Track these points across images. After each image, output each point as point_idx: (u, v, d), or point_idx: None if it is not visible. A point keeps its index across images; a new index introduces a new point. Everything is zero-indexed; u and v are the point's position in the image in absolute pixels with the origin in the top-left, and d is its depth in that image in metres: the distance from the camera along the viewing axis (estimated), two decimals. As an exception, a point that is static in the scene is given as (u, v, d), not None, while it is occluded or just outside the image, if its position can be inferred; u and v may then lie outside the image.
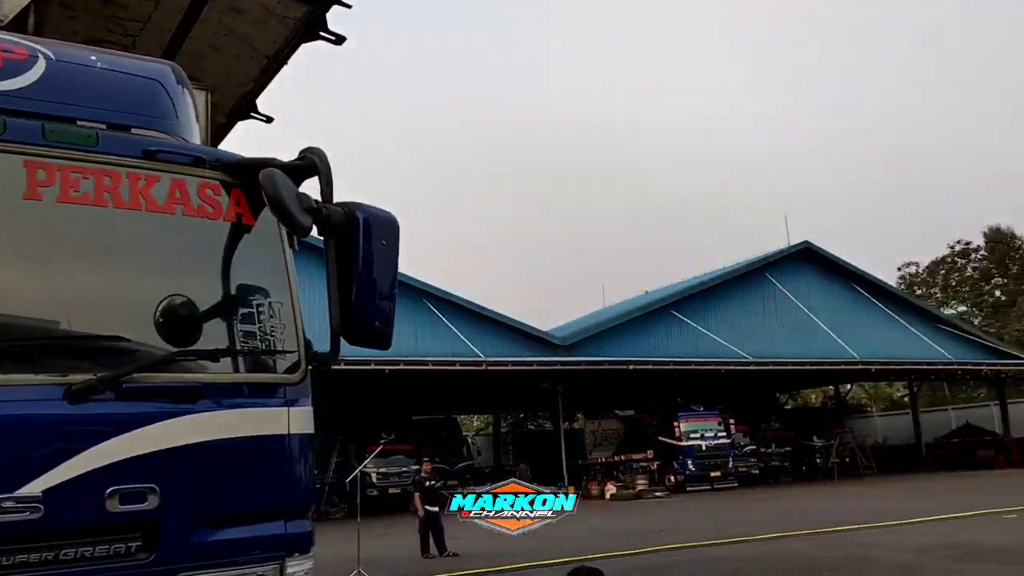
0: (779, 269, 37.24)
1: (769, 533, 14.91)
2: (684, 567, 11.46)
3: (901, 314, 38.95)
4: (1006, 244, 56.02)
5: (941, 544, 12.11)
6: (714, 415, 33.37)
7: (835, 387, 48.50)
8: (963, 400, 51.15)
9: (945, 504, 19.09)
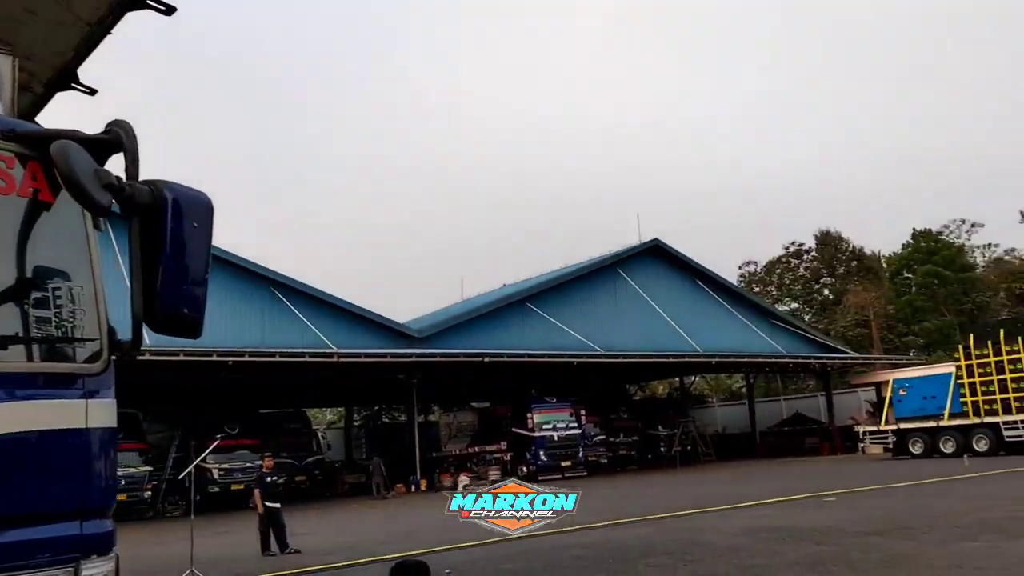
0: (630, 265, 38.48)
1: (613, 520, 15.36)
2: (528, 555, 11.58)
3: (740, 310, 41.15)
4: (834, 246, 60.24)
5: (767, 526, 12.84)
6: (566, 406, 34.11)
7: (680, 379, 50.63)
8: (794, 391, 54.73)
9: (773, 489, 20.29)
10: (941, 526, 11.60)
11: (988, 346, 28.67)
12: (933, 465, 25.39)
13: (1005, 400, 27.88)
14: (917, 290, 54.56)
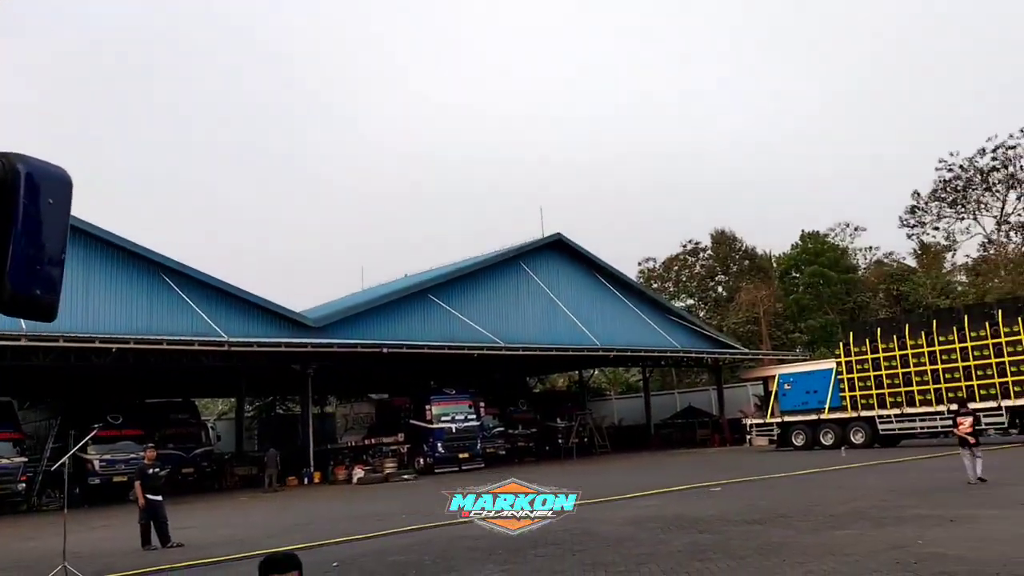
0: (533, 259, 38.73)
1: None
2: (419, 547, 11.50)
3: (639, 305, 42.01)
4: (728, 246, 62.25)
5: (654, 516, 13.14)
6: (465, 398, 34.07)
7: (579, 372, 51.36)
8: (688, 385, 56.33)
9: (663, 479, 20.82)
10: (816, 515, 12.11)
11: (866, 344, 30.16)
12: (813, 457, 26.58)
13: (880, 395, 29.42)
14: (804, 289, 56.97)
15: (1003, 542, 8.85)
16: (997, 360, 26.72)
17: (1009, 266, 50.02)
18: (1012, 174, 52.29)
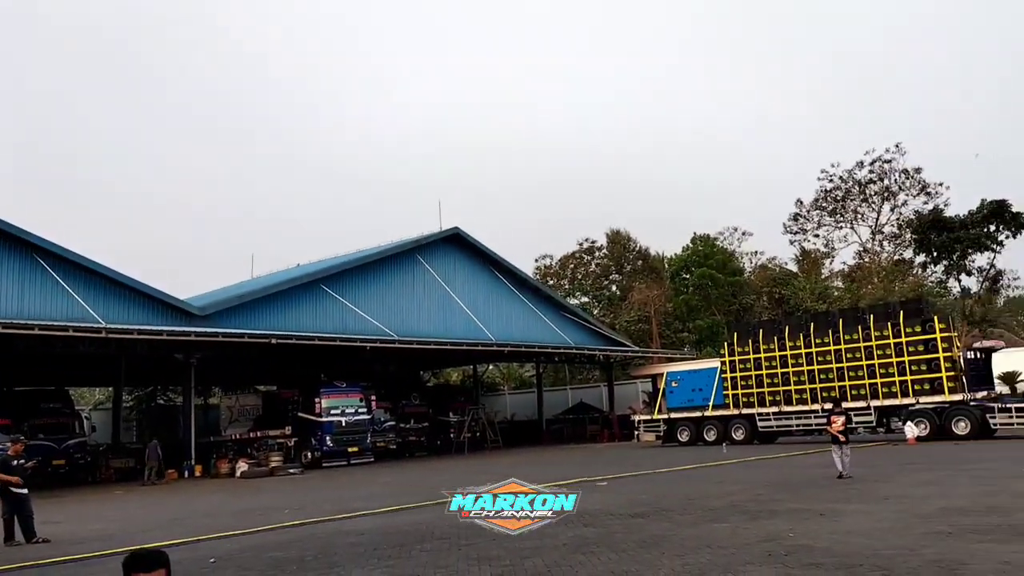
0: (430, 252, 38.47)
1: (394, 506, 15.27)
2: (301, 543, 11.22)
3: (534, 302, 42.37)
4: (623, 245, 63.52)
5: (541, 510, 13.22)
6: (356, 391, 33.57)
7: (474, 366, 51.39)
8: (580, 381, 57.23)
9: (553, 474, 20.99)
10: (695, 509, 12.47)
11: (749, 344, 31.34)
12: (697, 452, 27.44)
13: (760, 394, 30.64)
14: (693, 290, 58.71)
15: (867, 535, 9.30)
16: (868, 362, 28.22)
17: (881, 273, 52.98)
18: (887, 187, 55.38)
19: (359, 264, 35.75)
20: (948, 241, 44.21)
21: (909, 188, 54.56)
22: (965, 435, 25.62)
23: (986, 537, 8.70)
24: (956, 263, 45.36)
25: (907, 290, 46.85)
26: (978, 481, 14.27)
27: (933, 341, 27.09)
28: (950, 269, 46.27)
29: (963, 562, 7.50)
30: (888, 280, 50.84)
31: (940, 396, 26.57)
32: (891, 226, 56.30)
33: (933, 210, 49.78)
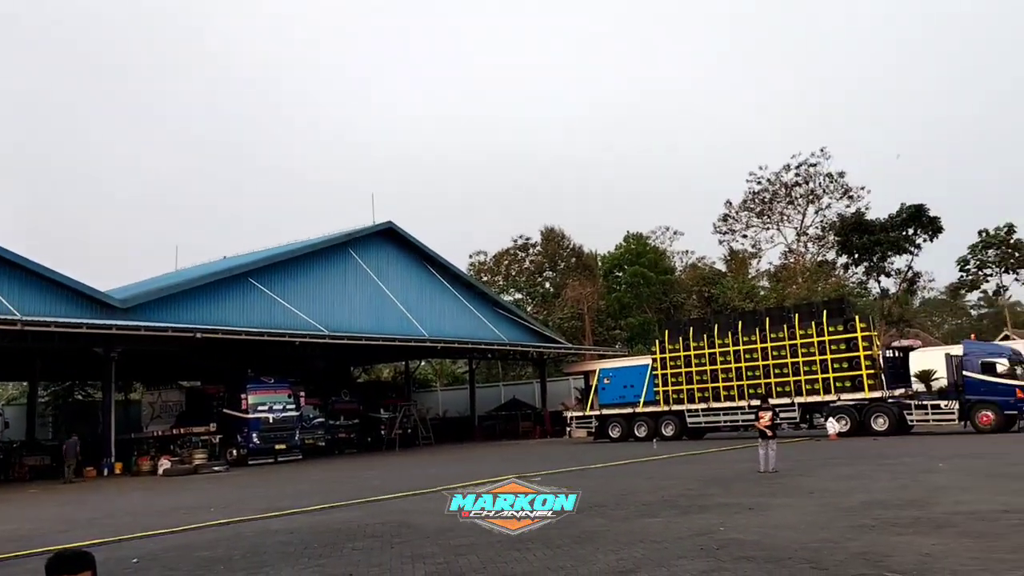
0: (362, 246, 37.98)
1: (324, 504, 15.00)
2: (229, 542, 10.91)
3: (468, 298, 42.25)
4: (557, 243, 63.89)
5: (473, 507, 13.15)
6: (284, 387, 32.95)
7: (406, 363, 51.02)
8: (513, 378, 57.39)
9: (485, 471, 20.96)
10: (629, 504, 12.57)
11: (679, 342, 31.84)
12: (628, 448, 27.74)
13: (690, 391, 31.16)
14: (625, 288, 59.39)
15: (794, 528, 9.50)
16: (792, 360, 28.97)
17: (806, 274, 54.43)
18: (812, 190, 56.89)
19: (289, 257, 35.06)
20: (869, 243, 45.71)
21: (833, 191, 56.16)
22: (884, 431, 26.53)
23: (907, 530, 8.97)
24: (876, 265, 46.95)
25: (829, 290, 48.24)
26: (897, 476, 14.75)
27: (854, 340, 27.97)
28: (870, 270, 47.87)
29: (887, 554, 7.70)
30: (812, 280, 52.28)
31: (860, 393, 27.45)
32: (815, 228, 57.91)
33: (855, 213, 51.35)
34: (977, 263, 50.90)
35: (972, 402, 25.70)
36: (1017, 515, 9.53)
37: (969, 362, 26.14)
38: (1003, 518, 9.39)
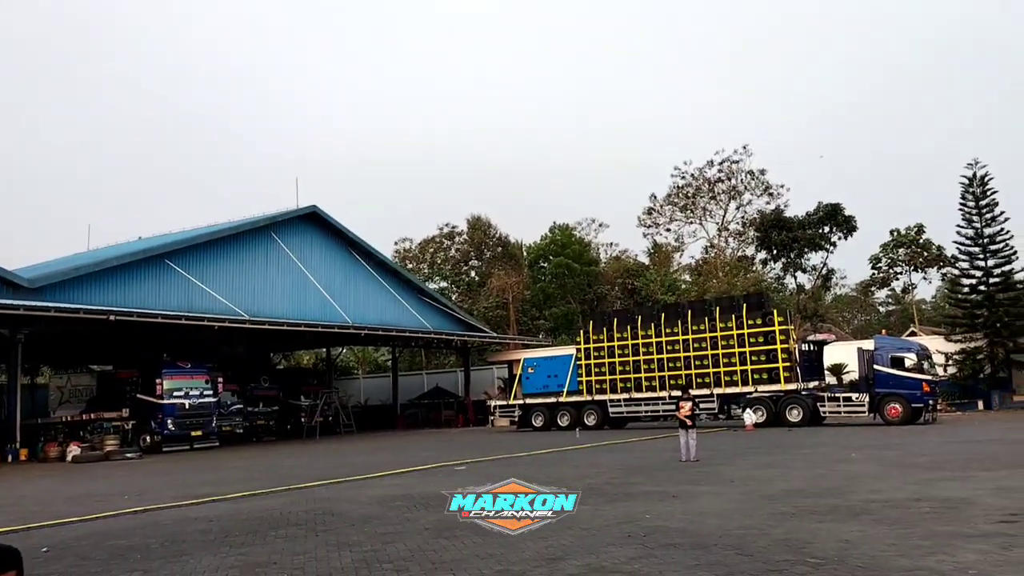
0: (285, 230, 37.17)
1: (244, 491, 14.63)
2: (146, 530, 10.52)
3: (393, 285, 41.82)
4: (483, 231, 63.83)
5: (400, 495, 13.04)
6: (202, 373, 32.08)
7: (327, 349, 50.28)
8: (436, 366, 57.17)
9: (409, 459, 20.85)
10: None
11: (603, 333, 32.23)
12: (551, 437, 27.96)
13: (613, 381, 31.59)
14: (550, 279, 59.77)
15: (717, 515, 9.69)
16: (712, 352, 29.65)
17: (726, 268, 55.78)
18: (734, 186, 58.29)
19: (209, 240, 34.03)
20: (787, 240, 47.13)
21: (754, 188, 57.66)
22: (798, 422, 27.42)
23: (826, 517, 9.24)
24: (793, 261, 48.46)
25: (749, 285, 49.54)
26: (813, 465, 15.23)
27: (772, 333, 28.79)
28: (788, 266, 49.39)
29: (808, 541, 7.91)
30: (732, 275, 53.60)
31: (777, 385, 28.29)
32: (736, 224, 59.38)
33: (775, 210, 52.84)
34: (888, 261, 53.05)
35: (882, 395, 26.77)
36: (928, 503, 9.93)
37: (880, 356, 27.19)
38: (915, 506, 9.77)
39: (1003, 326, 35.26)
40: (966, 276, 37.99)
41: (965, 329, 36.49)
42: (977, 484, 11.49)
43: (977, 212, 36.60)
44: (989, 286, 36.35)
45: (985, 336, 35.49)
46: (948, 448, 17.81)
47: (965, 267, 37.94)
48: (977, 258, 36.88)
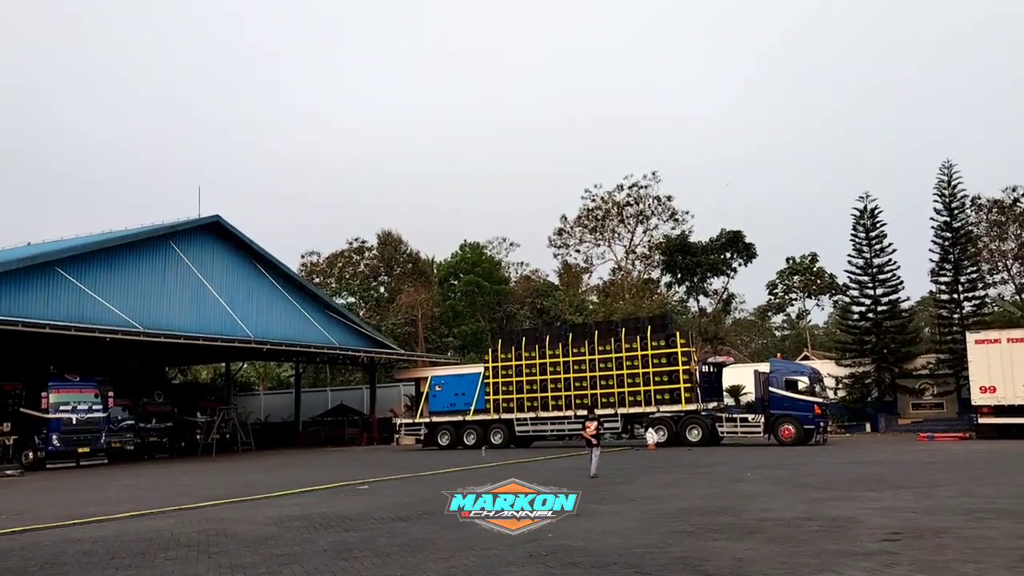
0: (186, 240, 35.93)
1: (132, 511, 14.00)
2: (25, 551, 9.93)
3: (298, 299, 40.93)
4: (394, 247, 63.35)
5: (299, 515, 12.70)
6: (91, 386, 30.69)
7: (227, 364, 48.76)
8: (341, 383, 56.17)
9: (309, 478, 20.38)
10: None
11: (511, 351, 32.35)
12: (457, 456, 27.80)
13: (520, 400, 31.71)
14: (460, 296, 59.70)
15: (619, 534, 9.80)
16: (618, 372, 30.13)
17: (632, 290, 56.91)
18: (641, 210, 59.64)
19: (102, 247, 32.54)
20: (691, 264, 48.49)
21: (661, 213, 59.11)
22: (697, 442, 28.08)
23: (721, 535, 9.47)
24: (696, 285, 49.86)
25: (653, 307, 50.67)
26: (711, 484, 15.61)
27: (674, 355, 29.46)
28: (691, 290, 50.78)
29: (704, 559, 8.09)
30: (638, 296, 54.72)
31: (678, 406, 28.93)
32: (643, 247, 60.71)
33: (680, 235, 54.29)
34: (784, 288, 55.17)
35: (776, 416, 27.72)
36: (818, 522, 10.30)
37: (775, 379, 28.16)
38: (805, 524, 10.12)
39: (889, 352, 37.02)
40: (856, 304, 39.71)
41: (854, 354, 38.11)
42: (863, 504, 12.00)
43: (867, 243, 38.40)
44: (877, 314, 38.13)
45: (873, 361, 37.17)
46: (837, 469, 18.54)
47: (855, 295, 39.68)
48: (867, 287, 38.66)
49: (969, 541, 8.71)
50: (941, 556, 7.95)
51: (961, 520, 10.17)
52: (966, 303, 37.04)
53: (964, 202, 38.86)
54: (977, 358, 28.37)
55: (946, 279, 37.39)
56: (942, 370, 35.61)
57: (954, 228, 37.11)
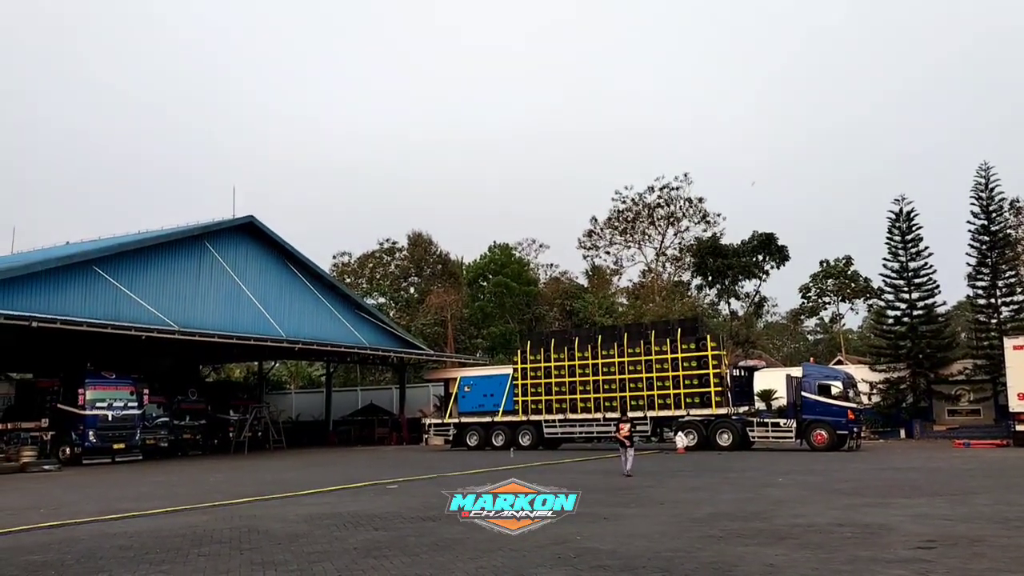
0: (220, 240, 36.40)
1: (166, 507, 14.21)
2: (63, 545, 10.13)
3: (330, 299, 41.27)
4: (424, 249, 63.65)
5: (329, 513, 12.82)
6: (127, 384, 31.19)
7: (259, 363, 49.28)
8: (371, 382, 56.54)
9: (340, 477, 20.55)
10: (487, 512, 12.55)
11: (540, 353, 32.35)
12: (485, 456, 27.85)
13: (548, 402, 31.70)
14: (489, 297, 59.85)
15: (647, 537, 9.77)
16: (647, 375, 30.01)
17: (663, 293, 56.64)
18: (672, 212, 59.36)
19: (139, 247, 33.07)
20: (722, 267, 48.14)
21: (692, 215, 58.80)
22: (727, 446, 27.87)
23: (752, 541, 9.40)
24: (728, 287, 49.50)
25: (684, 310, 50.38)
26: (741, 489, 15.49)
27: (705, 358, 29.28)
28: (722, 293, 50.42)
29: (734, 564, 8.03)
30: (669, 299, 54.44)
31: (708, 409, 28.76)
32: (673, 249, 60.43)
33: (711, 237, 53.94)
34: (817, 291, 54.56)
35: (808, 421, 27.41)
36: (850, 528, 10.19)
37: (807, 384, 27.86)
38: (837, 531, 10.01)
39: (925, 357, 36.47)
40: (891, 308, 39.19)
41: (889, 359, 37.61)
42: (897, 511, 11.84)
43: (903, 246, 37.89)
44: (913, 318, 37.59)
45: (908, 366, 36.65)
46: (870, 475, 18.31)
47: (890, 299, 39.16)
48: (902, 291, 38.13)
49: (1005, 550, 8.56)
50: (976, 564, 7.83)
51: (997, 528, 10.01)
52: (1004, 308, 36.36)
53: (1002, 205, 38.14)
54: (1015, 364, 27.85)
55: (984, 283, 36.75)
56: (979, 376, 34.98)
57: (992, 231, 36.48)
